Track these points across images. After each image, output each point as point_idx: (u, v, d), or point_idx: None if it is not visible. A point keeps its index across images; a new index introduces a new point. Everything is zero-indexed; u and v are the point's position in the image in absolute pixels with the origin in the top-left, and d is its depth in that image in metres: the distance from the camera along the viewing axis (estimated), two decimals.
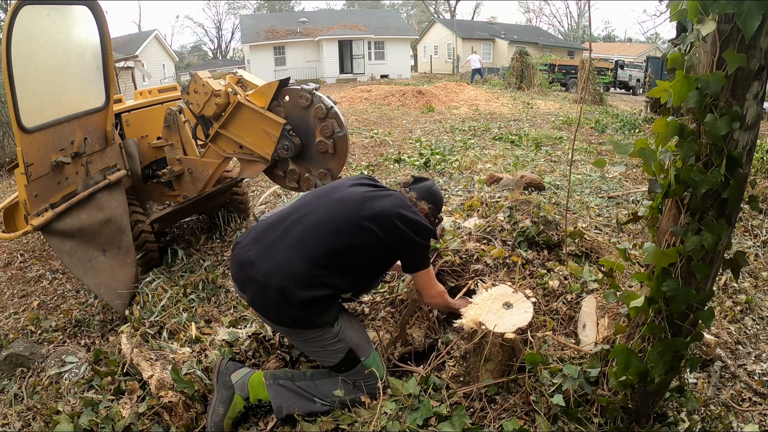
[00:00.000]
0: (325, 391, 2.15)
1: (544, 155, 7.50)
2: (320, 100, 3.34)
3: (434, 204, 2.36)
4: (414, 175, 2.48)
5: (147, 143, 4.20)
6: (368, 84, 24.04)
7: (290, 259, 1.99)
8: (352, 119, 12.14)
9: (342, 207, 2.11)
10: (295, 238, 2.04)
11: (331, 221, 2.07)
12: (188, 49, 61.69)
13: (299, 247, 2.01)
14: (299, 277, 1.97)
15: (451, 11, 52.47)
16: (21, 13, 2.70)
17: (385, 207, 2.10)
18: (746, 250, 3.67)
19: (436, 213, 2.40)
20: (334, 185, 2.31)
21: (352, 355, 2.11)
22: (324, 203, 2.15)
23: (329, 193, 2.22)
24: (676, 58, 1.49)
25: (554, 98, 18.05)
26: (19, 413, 2.40)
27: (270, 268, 1.99)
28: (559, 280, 2.76)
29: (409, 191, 2.33)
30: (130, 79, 11.53)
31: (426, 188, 2.38)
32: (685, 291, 1.58)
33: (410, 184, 2.42)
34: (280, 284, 1.95)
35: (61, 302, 3.69)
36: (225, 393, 2.19)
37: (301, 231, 2.06)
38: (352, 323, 2.20)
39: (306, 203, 2.19)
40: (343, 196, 2.16)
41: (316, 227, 2.06)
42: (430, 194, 2.36)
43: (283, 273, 1.97)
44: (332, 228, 2.05)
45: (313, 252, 2.00)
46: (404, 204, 2.16)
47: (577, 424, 1.89)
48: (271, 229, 2.12)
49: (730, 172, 1.46)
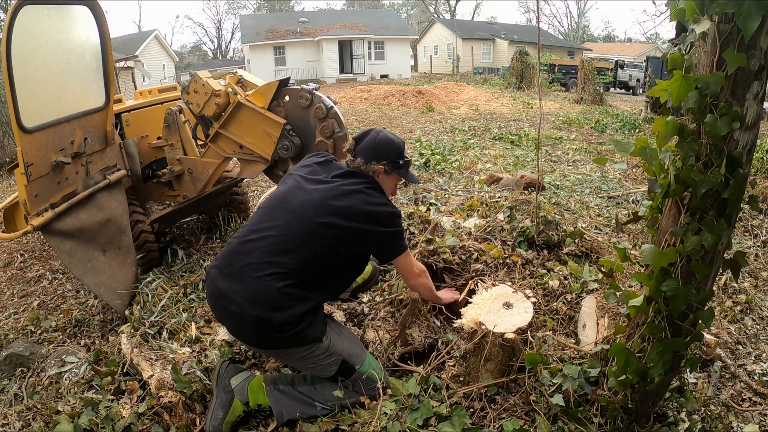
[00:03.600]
0: (326, 395, 2.12)
1: (544, 155, 7.50)
2: (320, 100, 3.34)
3: (387, 155, 2.18)
4: (354, 136, 2.27)
5: (147, 143, 4.20)
6: (368, 84, 24.05)
7: (259, 284, 1.92)
8: (352, 119, 12.14)
9: (300, 217, 2.00)
10: (260, 260, 1.95)
11: (292, 235, 1.97)
12: (188, 49, 61.74)
13: (265, 269, 1.93)
14: (272, 301, 1.90)
15: (451, 11, 52.49)
16: (21, 13, 2.70)
17: (350, 209, 1.99)
18: (746, 250, 3.67)
19: (396, 158, 2.20)
20: (288, 189, 2.13)
21: (347, 365, 2.08)
22: (282, 215, 2.04)
23: (286, 199, 2.09)
24: (677, 58, 1.49)
25: (554, 98, 18.05)
26: (19, 413, 2.40)
27: (242, 299, 1.92)
28: (559, 280, 2.76)
29: (355, 158, 2.17)
30: (130, 79, 11.55)
31: (370, 144, 2.19)
32: (685, 291, 1.58)
33: (354, 147, 2.21)
34: (255, 313, 1.90)
35: (61, 302, 3.69)
36: (224, 397, 2.16)
37: (264, 251, 1.97)
38: (342, 333, 2.15)
39: (265, 216, 2.08)
40: (300, 204, 2.03)
41: (278, 244, 1.97)
42: (377, 147, 2.18)
43: (256, 301, 1.90)
44: (294, 242, 1.96)
45: (280, 272, 1.92)
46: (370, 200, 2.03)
47: (577, 424, 1.89)
48: (235, 253, 2.03)
49: (730, 172, 1.46)
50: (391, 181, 2.26)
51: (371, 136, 2.22)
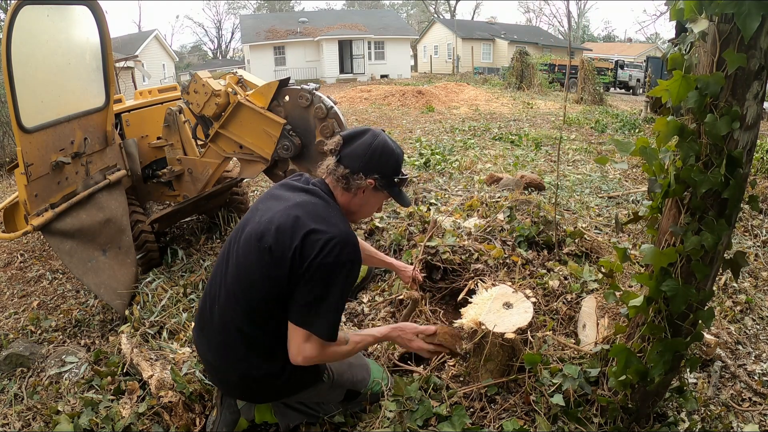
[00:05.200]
0: (332, 408, 2.07)
1: (544, 155, 7.50)
2: (320, 100, 3.34)
3: (381, 167, 1.71)
4: (343, 134, 1.76)
5: (147, 143, 4.20)
6: (368, 84, 24.05)
7: (227, 343, 1.74)
8: (352, 119, 12.14)
9: (240, 261, 1.68)
10: (220, 317, 1.74)
11: (236, 284, 1.69)
12: (188, 49, 61.76)
13: (227, 327, 1.72)
14: (251, 360, 1.73)
15: (451, 11, 52.49)
16: (21, 13, 2.70)
17: (279, 243, 1.59)
18: (746, 250, 3.67)
19: (391, 173, 1.74)
20: (240, 225, 1.79)
21: (352, 392, 2.03)
22: (228, 263, 1.75)
23: (233, 241, 1.77)
24: (677, 58, 1.49)
25: (554, 98, 18.06)
26: (19, 413, 2.40)
27: (223, 365, 1.79)
28: (559, 280, 2.76)
29: (339, 165, 1.70)
30: (130, 79, 11.56)
31: (363, 149, 1.69)
32: (685, 291, 1.58)
33: (340, 149, 1.71)
34: (240, 379, 1.77)
35: (61, 302, 3.69)
36: (230, 417, 2.08)
37: (221, 308, 1.74)
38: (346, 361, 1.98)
39: (218, 266, 1.82)
40: (242, 244, 1.70)
41: (230, 298, 1.71)
42: (371, 155, 1.69)
43: (236, 367, 1.75)
44: (237, 295, 1.68)
45: (239, 327, 1.70)
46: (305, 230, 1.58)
47: (577, 424, 1.89)
48: (202, 311, 1.85)
49: (730, 172, 1.46)
50: (377, 199, 1.81)
51: (365, 139, 1.71)
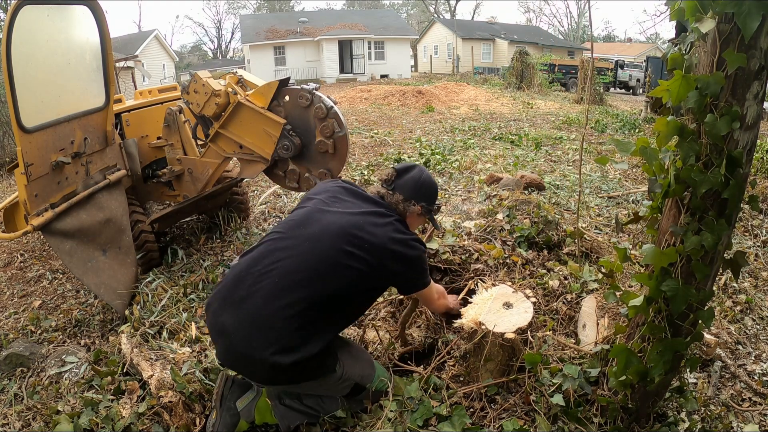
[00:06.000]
0: (332, 407, 2.07)
1: (544, 155, 7.50)
2: (320, 100, 3.34)
3: (427, 197, 2.10)
4: (397, 167, 2.13)
5: (147, 143, 4.20)
6: (368, 84, 24.05)
7: (270, 321, 1.74)
8: (352, 119, 12.14)
9: (319, 245, 1.82)
10: (271, 292, 1.77)
11: (307, 264, 1.79)
12: (188, 49, 61.75)
13: (278, 303, 1.75)
14: (283, 341, 1.73)
15: (451, 11, 52.49)
16: (21, 13, 2.70)
17: (376, 245, 1.83)
18: (746, 250, 3.67)
19: (431, 205, 2.14)
20: (309, 212, 1.96)
21: (359, 387, 2.04)
22: (298, 241, 1.85)
23: (304, 224, 1.90)
24: (677, 58, 1.49)
25: (554, 98, 18.06)
26: (19, 413, 2.40)
27: (249, 337, 1.74)
28: (559, 280, 2.76)
29: (394, 192, 2.06)
30: (130, 79, 11.54)
31: (414, 182, 2.08)
32: (685, 291, 1.58)
33: (394, 179, 2.09)
34: (264, 356, 1.72)
35: (61, 302, 3.69)
36: (230, 420, 2.08)
37: (274, 282, 1.78)
38: (352, 355, 2.04)
39: (279, 241, 1.89)
40: (320, 230, 1.85)
41: (292, 275, 1.78)
42: (420, 187, 2.08)
43: (266, 341, 1.73)
44: (311, 273, 1.78)
45: (294, 308, 1.74)
46: (395, 236, 1.88)
47: (577, 424, 1.89)
48: (240, 282, 1.83)
49: (730, 172, 1.46)
50: (418, 222, 2.19)
51: (415, 173, 2.10)
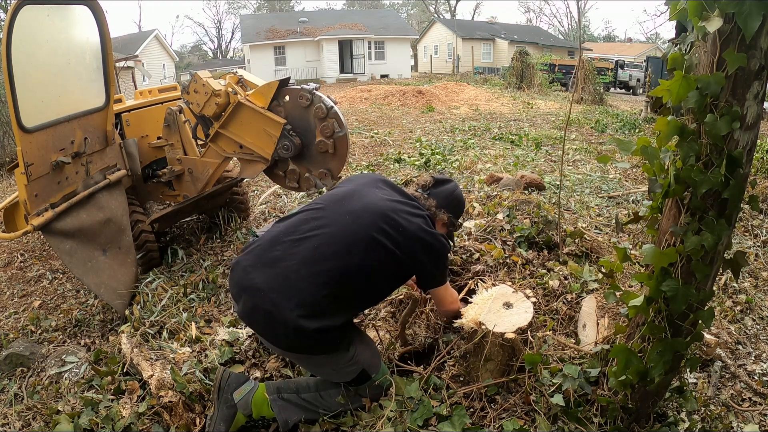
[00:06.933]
0: (330, 402, 2.09)
1: (544, 155, 7.50)
2: (320, 100, 3.34)
3: (455, 211, 2.24)
4: (435, 176, 2.29)
5: (147, 143, 4.20)
6: (368, 84, 24.05)
7: (302, 284, 1.82)
8: (352, 119, 12.14)
9: (360, 220, 1.92)
10: (307, 257, 1.86)
11: (345, 237, 1.89)
12: (188, 49, 61.74)
13: (312, 268, 1.83)
14: (312, 305, 1.81)
15: (451, 11, 52.48)
16: (21, 13, 2.70)
17: (409, 231, 1.94)
18: (746, 250, 3.67)
19: (455, 220, 2.26)
20: (351, 190, 2.09)
21: (364, 374, 2.05)
22: (337, 215, 1.96)
23: (346, 200, 2.02)
24: (677, 58, 1.49)
25: (554, 98, 18.06)
26: (19, 413, 2.40)
27: (278, 297, 1.81)
28: (559, 280, 2.76)
29: (428, 197, 2.19)
30: (130, 79, 11.55)
31: (448, 193, 2.23)
32: (685, 291, 1.58)
33: (431, 187, 2.24)
34: (291, 315, 1.78)
35: (61, 302, 3.69)
36: (227, 411, 2.10)
37: (312, 248, 1.87)
38: (363, 341, 2.09)
39: (318, 212, 2.00)
40: (360, 207, 1.97)
41: (330, 245, 1.87)
42: (452, 200, 2.22)
43: (295, 301, 1.80)
44: (348, 246, 1.87)
45: (326, 275, 1.83)
46: (428, 230, 1.99)
47: (577, 424, 1.89)
48: (277, 243, 1.92)
49: (731, 172, 1.46)
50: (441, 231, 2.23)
51: (450, 187, 2.25)
